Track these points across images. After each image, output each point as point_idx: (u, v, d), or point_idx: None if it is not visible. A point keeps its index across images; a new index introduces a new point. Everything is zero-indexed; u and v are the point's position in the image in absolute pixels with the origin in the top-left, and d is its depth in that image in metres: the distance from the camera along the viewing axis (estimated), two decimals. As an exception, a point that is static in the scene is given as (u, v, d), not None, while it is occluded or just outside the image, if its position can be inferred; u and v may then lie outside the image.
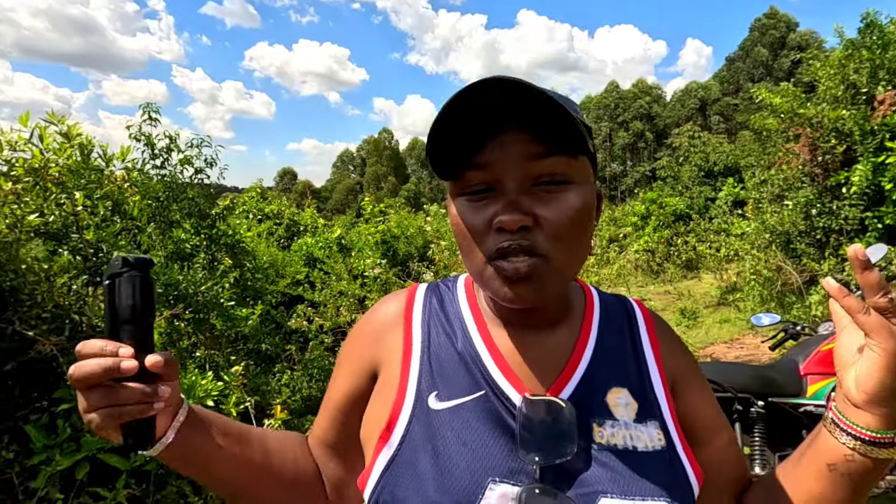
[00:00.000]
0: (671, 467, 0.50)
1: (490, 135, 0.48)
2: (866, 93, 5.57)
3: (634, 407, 0.53)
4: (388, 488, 0.49)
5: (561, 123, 0.47)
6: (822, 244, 6.05)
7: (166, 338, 3.38)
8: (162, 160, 3.73)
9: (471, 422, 0.50)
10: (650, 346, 0.59)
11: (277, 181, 70.04)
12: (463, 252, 0.53)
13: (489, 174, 0.49)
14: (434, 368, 0.55)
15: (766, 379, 2.12)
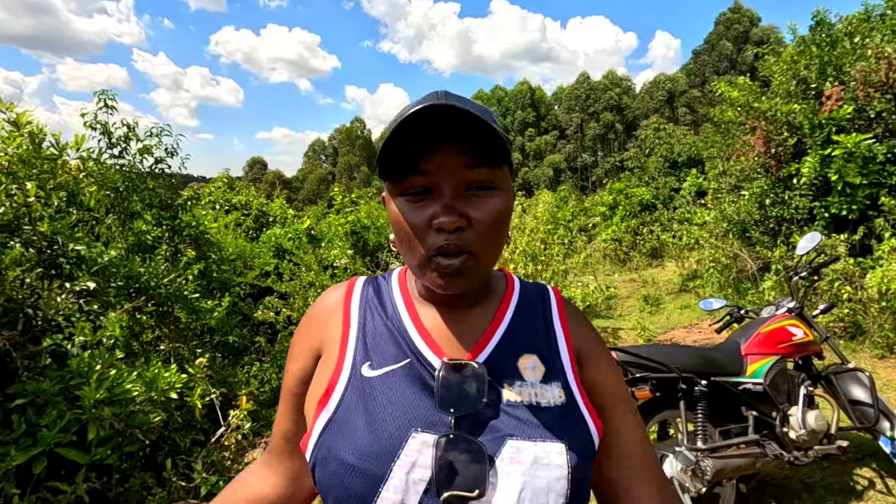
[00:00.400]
0: (570, 418, 0.58)
1: (431, 146, 0.55)
2: (815, 88, 5.84)
3: (542, 370, 0.61)
4: (325, 444, 0.55)
5: (489, 139, 0.54)
6: (775, 233, 6.35)
7: (128, 331, 3.32)
8: (120, 149, 3.62)
9: (398, 385, 0.57)
10: (560, 324, 0.67)
11: (246, 171, 68.25)
12: (403, 245, 0.60)
13: (428, 179, 0.56)
14: (368, 343, 0.62)
15: (709, 359, 2.25)
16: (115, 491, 2.41)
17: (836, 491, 2.50)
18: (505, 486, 0.51)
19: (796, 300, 2.62)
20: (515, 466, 0.52)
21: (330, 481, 0.53)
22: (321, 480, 0.55)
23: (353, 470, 0.52)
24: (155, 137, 3.75)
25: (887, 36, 5.59)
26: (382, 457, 0.52)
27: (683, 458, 2.10)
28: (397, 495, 0.50)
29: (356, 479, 0.52)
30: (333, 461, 0.53)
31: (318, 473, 0.55)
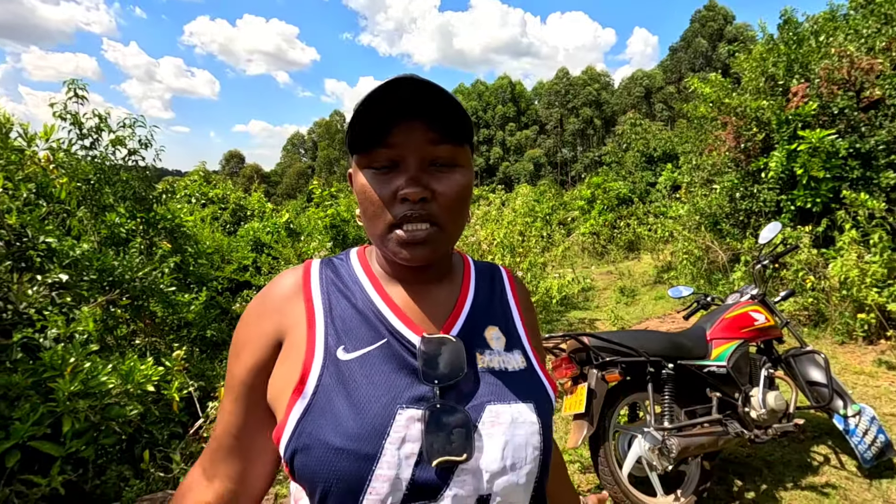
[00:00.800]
0: (533, 380, 0.65)
1: (398, 121, 0.57)
2: (783, 85, 6.03)
3: (504, 340, 0.67)
4: (307, 432, 0.54)
5: (453, 117, 0.57)
6: (745, 225, 6.56)
7: (102, 325, 3.28)
8: (91, 140, 3.54)
9: (377, 365, 0.58)
10: (513, 298, 0.74)
11: (223, 164, 66.91)
12: (367, 216, 0.61)
13: (395, 152, 0.58)
14: (338, 327, 0.61)
15: (676, 344, 2.35)
16: (91, 483, 2.40)
17: (795, 467, 2.64)
18: (489, 447, 0.56)
19: (759, 287, 2.75)
20: (497, 428, 0.57)
21: (316, 467, 0.53)
22: (304, 467, 0.54)
23: (343, 453, 0.52)
24: (128, 129, 3.68)
25: (850, 35, 5.81)
26: (373, 436, 0.53)
27: (651, 438, 2.20)
28: (391, 471, 0.52)
29: (348, 461, 0.52)
30: (319, 447, 0.53)
31: (298, 461, 0.54)
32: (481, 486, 0.55)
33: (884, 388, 3.47)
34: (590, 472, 2.68)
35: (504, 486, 0.56)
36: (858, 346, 4.35)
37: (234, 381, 0.64)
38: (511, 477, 0.57)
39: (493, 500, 0.56)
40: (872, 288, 4.16)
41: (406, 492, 0.53)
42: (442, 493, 0.54)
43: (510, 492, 0.57)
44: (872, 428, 2.47)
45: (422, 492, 0.53)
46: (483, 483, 0.55)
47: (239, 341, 0.65)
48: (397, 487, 0.52)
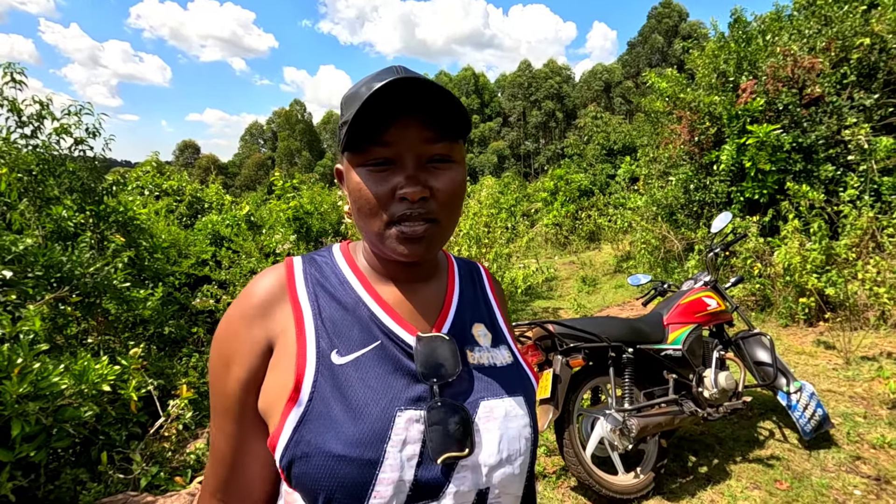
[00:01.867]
0: (519, 374, 0.66)
1: (394, 119, 0.56)
2: (733, 81, 6.32)
3: (490, 337, 0.68)
4: (305, 439, 0.53)
5: (449, 114, 0.57)
6: (698, 215, 6.87)
7: (50, 324, 3.11)
8: (32, 129, 3.33)
9: (372, 368, 0.57)
10: (492, 295, 0.76)
11: (177, 155, 64.07)
12: (362, 214, 0.59)
13: (391, 150, 0.57)
14: (329, 329, 0.59)
15: (635, 329, 2.46)
16: (44, 489, 2.29)
17: (743, 442, 2.82)
18: (487, 441, 0.58)
19: (711, 274, 2.90)
20: (492, 422, 0.59)
21: (317, 475, 0.52)
22: (304, 476, 0.53)
23: (345, 460, 0.52)
24: (73, 116, 3.47)
25: (794, 35, 6.14)
26: (374, 441, 0.53)
27: (612, 420, 2.29)
28: (394, 473, 0.52)
29: (350, 468, 0.52)
30: (318, 455, 0.52)
31: (297, 469, 0.53)
32: (480, 481, 0.57)
33: (822, 367, 3.74)
34: (555, 455, 2.77)
35: (501, 478, 0.58)
36: (800, 328, 4.66)
37: (228, 400, 0.60)
38: (507, 469, 0.59)
39: (492, 492, 0.58)
40: (812, 274, 4.46)
41: (409, 493, 0.53)
42: (444, 490, 0.55)
43: (507, 483, 0.59)
44: (812, 403, 2.66)
45: (425, 491, 0.54)
46: (482, 477, 0.57)
47: (225, 354, 0.61)
48: (401, 489, 0.53)
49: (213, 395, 0.62)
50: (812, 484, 2.40)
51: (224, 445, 0.62)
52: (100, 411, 2.54)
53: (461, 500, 0.55)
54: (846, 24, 5.59)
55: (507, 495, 0.59)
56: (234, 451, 0.61)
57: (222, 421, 0.61)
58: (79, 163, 3.65)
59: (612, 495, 2.30)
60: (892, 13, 5.30)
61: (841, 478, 2.44)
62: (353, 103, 0.57)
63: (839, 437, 2.77)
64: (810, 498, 2.31)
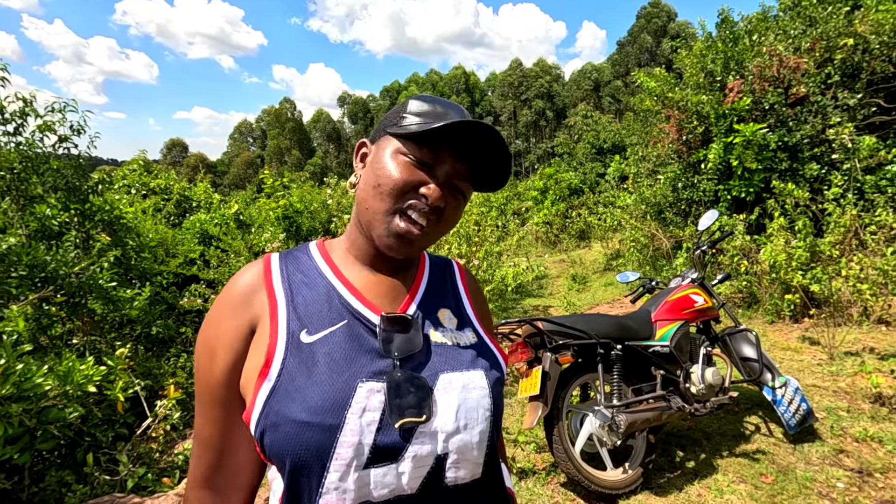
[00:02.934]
0: (483, 352, 0.71)
1: (459, 148, 0.66)
2: (720, 81, 6.39)
3: (455, 321, 0.73)
4: (274, 410, 0.57)
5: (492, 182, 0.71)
6: (686, 213, 6.94)
7: (34, 324, 3.07)
8: (15, 126, 3.27)
9: (339, 345, 0.62)
10: (463, 288, 0.81)
11: (165, 153, 63.33)
12: (378, 190, 0.65)
13: (434, 160, 0.66)
14: (301, 312, 0.64)
15: (623, 326, 2.48)
16: (28, 491, 2.26)
17: (730, 437, 2.85)
18: (444, 410, 0.62)
19: (699, 271, 2.93)
20: (450, 394, 0.63)
21: (284, 441, 0.56)
22: (273, 443, 0.57)
23: (309, 426, 0.56)
24: (58, 114, 3.42)
25: (779, 35, 6.22)
26: (335, 408, 0.57)
27: (601, 416, 2.31)
28: (354, 437, 0.57)
29: (314, 433, 0.56)
30: (286, 423, 0.56)
31: (268, 438, 0.57)
32: (438, 446, 0.61)
33: (807, 362, 3.80)
34: (545, 452, 2.79)
35: (459, 444, 0.62)
36: (786, 324, 4.73)
37: (214, 387, 0.64)
38: (464, 436, 0.63)
39: (450, 458, 0.62)
40: (798, 271, 4.52)
41: (369, 455, 0.57)
42: (403, 454, 0.59)
43: (465, 450, 0.63)
44: (796, 398, 2.70)
45: (384, 454, 0.58)
46: (439, 443, 0.61)
47: (211, 344, 0.65)
48: (360, 452, 0.57)
49: (199, 385, 0.66)
50: (797, 477, 2.44)
51: (212, 431, 0.65)
52: (85, 412, 2.50)
53: (419, 464, 0.60)
54: (830, 25, 5.67)
55: (466, 461, 0.63)
56: (222, 435, 0.65)
57: (209, 408, 0.65)
58: (63, 161, 3.59)
59: (601, 491, 2.32)
60: (875, 14, 5.39)
61: (824, 471, 2.48)
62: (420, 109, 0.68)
63: (823, 431, 2.82)
64: (795, 491, 2.34)
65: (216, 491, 0.65)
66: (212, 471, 0.65)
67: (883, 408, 2.98)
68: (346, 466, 0.56)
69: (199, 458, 0.66)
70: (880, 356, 3.70)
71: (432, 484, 0.61)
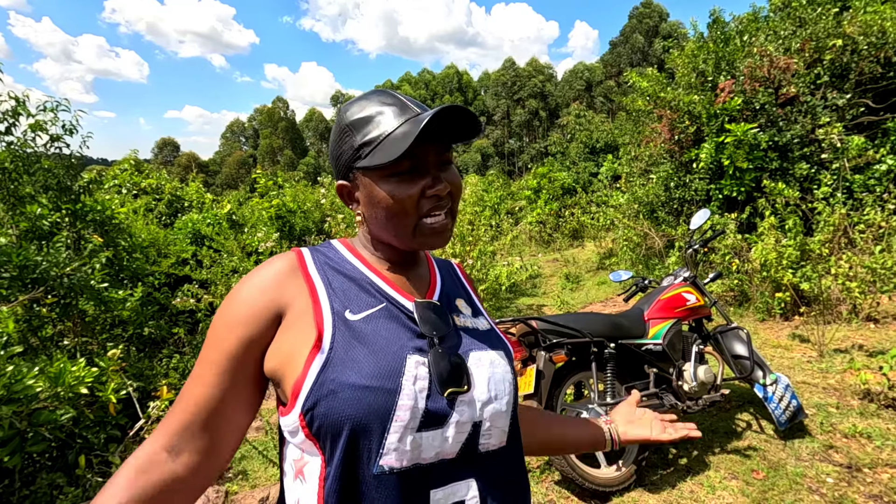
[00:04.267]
0: (496, 337, 0.80)
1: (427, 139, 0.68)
2: (712, 81, 6.44)
3: (469, 309, 0.82)
4: (329, 379, 0.61)
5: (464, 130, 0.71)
6: (678, 213, 6.98)
7: (25, 326, 3.04)
8: (7, 125, 3.24)
9: (382, 323, 0.68)
10: (466, 283, 0.91)
11: (156, 153, 62.83)
12: (393, 216, 0.70)
13: (416, 161, 0.69)
14: (340, 296, 0.70)
15: (616, 325, 2.50)
16: (19, 494, 2.24)
17: (721, 433, 2.88)
18: (478, 381, 0.70)
19: (691, 270, 2.95)
20: (482, 368, 0.71)
21: (344, 406, 0.60)
22: (331, 410, 0.60)
23: (369, 389, 0.61)
24: (49, 113, 3.38)
25: (770, 36, 6.28)
26: (392, 375, 0.63)
27: (595, 414, 2.33)
28: (410, 401, 0.62)
29: (375, 396, 0.61)
30: (345, 389, 0.61)
31: (324, 406, 0.60)
32: (475, 413, 0.68)
33: (797, 359, 3.84)
34: (539, 450, 2.80)
35: (492, 412, 0.70)
36: (776, 322, 4.78)
37: (220, 355, 0.66)
38: (496, 405, 0.71)
39: (484, 424, 0.69)
40: (788, 269, 4.57)
41: (422, 419, 0.63)
42: (448, 419, 0.66)
43: (496, 417, 0.71)
44: (787, 395, 2.74)
45: (433, 419, 0.64)
46: (476, 411, 0.68)
47: (233, 317, 0.67)
48: (415, 415, 0.63)
49: (206, 349, 0.67)
50: (787, 473, 2.47)
51: (194, 395, 0.66)
52: (77, 414, 2.48)
53: (461, 430, 0.66)
54: (819, 26, 5.73)
55: (496, 429, 0.71)
56: (203, 401, 0.65)
57: (207, 370, 0.66)
58: (54, 160, 3.56)
59: (594, 488, 2.33)
60: (864, 16, 5.45)
61: (814, 466, 2.51)
62: (367, 126, 0.70)
63: (813, 428, 2.86)
64: (785, 486, 2.37)
65: (171, 451, 0.64)
66: (180, 428, 0.64)
67: (871, 404, 3.02)
68: (403, 428, 0.62)
69: (171, 416, 0.65)
70: (869, 353, 3.75)
71: (468, 449, 0.68)
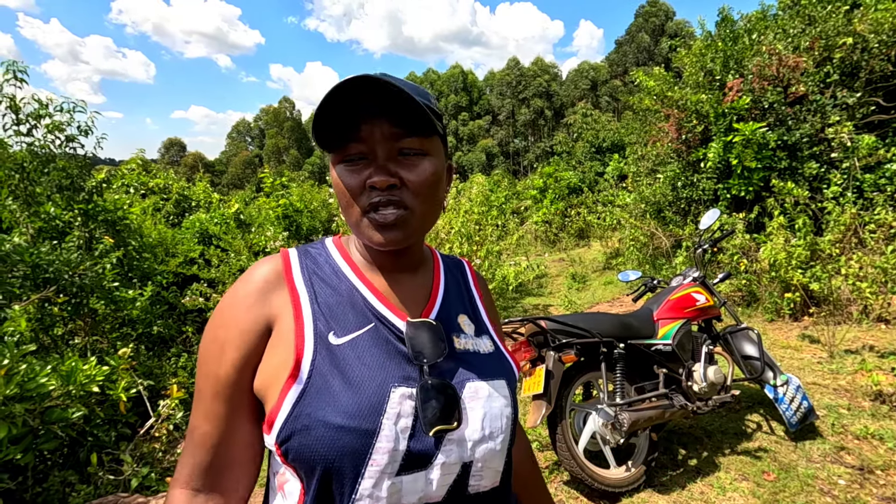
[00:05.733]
0: (500, 360, 0.71)
1: (365, 117, 0.60)
2: (720, 80, 6.40)
3: (473, 327, 0.73)
4: (305, 412, 0.56)
5: (415, 113, 0.60)
6: (686, 212, 6.95)
7: (37, 324, 3.06)
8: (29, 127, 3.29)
9: (368, 348, 0.61)
10: (476, 290, 0.81)
11: (163, 153, 63.22)
12: (342, 206, 0.64)
13: (364, 146, 0.61)
14: (325, 313, 0.63)
15: (626, 325, 2.49)
16: (32, 491, 2.26)
17: (731, 434, 2.86)
18: (472, 418, 0.63)
19: (700, 270, 2.94)
20: (477, 401, 0.64)
21: (317, 446, 0.55)
22: (304, 447, 0.55)
23: (344, 430, 0.55)
24: (66, 114, 3.43)
25: (779, 34, 6.23)
26: (371, 413, 0.56)
27: (604, 414, 2.32)
28: (389, 444, 0.56)
29: (350, 437, 0.55)
30: (319, 426, 0.55)
31: (296, 442, 0.55)
32: (465, 454, 0.62)
33: (807, 360, 3.81)
34: (548, 450, 2.80)
35: (484, 452, 0.63)
36: (786, 322, 4.74)
37: (219, 384, 0.61)
38: (490, 444, 0.63)
39: (475, 465, 0.62)
40: (797, 269, 4.54)
41: (402, 462, 0.57)
42: (433, 461, 0.59)
43: (489, 458, 0.63)
44: (797, 395, 2.72)
45: (416, 461, 0.58)
46: (467, 451, 0.62)
47: (221, 337, 0.62)
48: (395, 458, 0.57)
49: (202, 379, 0.63)
50: (798, 474, 2.45)
51: (210, 428, 0.62)
52: (88, 412, 2.50)
53: (448, 471, 0.60)
54: (829, 24, 5.68)
55: (489, 469, 0.64)
56: (220, 433, 0.62)
57: (211, 404, 0.62)
58: (69, 161, 3.60)
59: (604, 489, 2.33)
60: (874, 13, 5.40)
61: (826, 468, 2.49)
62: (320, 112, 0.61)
63: (824, 429, 2.83)
64: (797, 488, 2.36)
65: (204, 494, 0.62)
66: (200, 470, 0.62)
67: (883, 405, 2.99)
68: (380, 473, 0.56)
69: (191, 456, 0.62)
70: (880, 354, 3.71)
71: (457, 492, 0.61)
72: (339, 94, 0.58)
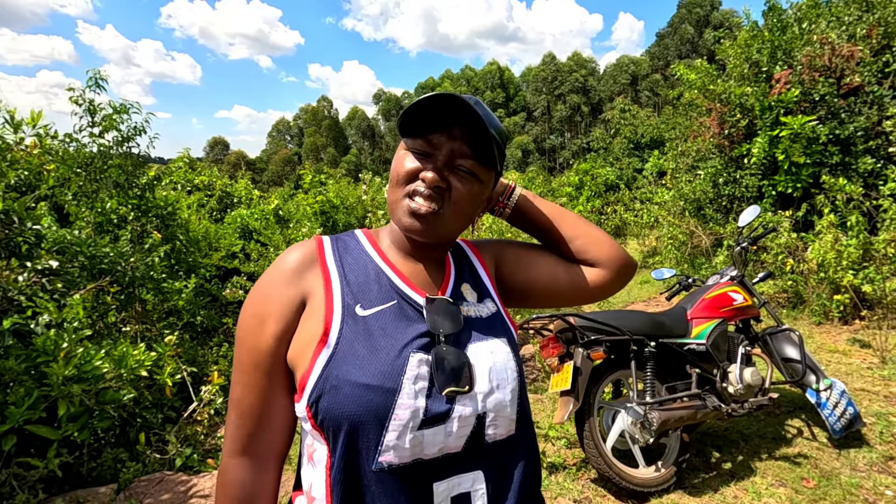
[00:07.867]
0: (501, 322, 0.79)
1: (446, 127, 0.71)
2: (766, 71, 6.12)
3: (475, 294, 0.81)
4: (333, 374, 0.63)
5: (485, 146, 0.72)
6: (727, 210, 6.69)
7: (93, 312, 3.28)
8: (101, 130, 3.60)
9: (391, 321, 0.69)
10: (476, 259, 0.88)
11: (207, 151, 65.82)
12: (391, 184, 0.75)
13: (433, 148, 0.72)
14: (353, 289, 0.71)
15: (658, 323, 2.44)
16: (87, 466, 2.43)
17: (769, 439, 2.76)
18: (479, 374, 0.69)
19: (738, 269, 2.84)
20: (482, 358, 0.71)
21: (345, 402, 0.62)
22: (333, 405, 0.62)
23: (370, 388, 0.62)
24: (122, 115, 3.70)
25: (832, 23, 5.90)
26: (393, 374, 0.63)
27: (633, 413, 2.29)
28: (409, 401, 0.63)
29: (374, 395, 0.62)
30: (346, 385, 0.62)
31: (326, 401, 0.62)
32: (478, 406, 0.68)
33: (856, 366, 3.62)
34: (576, 447, 2.78)
35: (495, 403, 0.70)
36: (834, 326, 4.51)
37: (261, 354, 0.69)
38: (499, 395, 0.70)
39: (489, 416, 0.69)
40: (848, 270, 4.31)
41: (423, 417, 0.64)
42: (450, 415, 0.66)
43: (500, 407, 0.70)
44: (842, 401, 2.59)
45: (435, 417, 0.65)
46: (479, 403, 0.68)
47: (261, 312, 0.70)
48: (416, 415, 0.63)
49: (243, 353, 0.70)
50: (841, 483, 2.35)
51: (254, 399, 0.70)
52: (137, 395, 2.67)
53: (464, 423, 0.67)
54: (889, 10, 5.34)
55: (502, 418, 0.71)
56: (263, 402, 0.70)
57: (252, 376, 0.70)
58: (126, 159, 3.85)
59: (632, 488, 2.30)
60: (939, -3, 5.04)
61: (872, 477, 2.37)
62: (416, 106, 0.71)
63: (871, 437, 2.69)
64: (838, 497, 2.26)
65: (253, 458, 0.70)
66: (249, 439, 0.70)
67: (939, 415, 2.82)
68: (403, 427, 0.62)
69: (238, 427, 0.70)
70: (938, 361, 3.49)
71: (475, 442, 0.68)
72: (436, 99, 0.67)
